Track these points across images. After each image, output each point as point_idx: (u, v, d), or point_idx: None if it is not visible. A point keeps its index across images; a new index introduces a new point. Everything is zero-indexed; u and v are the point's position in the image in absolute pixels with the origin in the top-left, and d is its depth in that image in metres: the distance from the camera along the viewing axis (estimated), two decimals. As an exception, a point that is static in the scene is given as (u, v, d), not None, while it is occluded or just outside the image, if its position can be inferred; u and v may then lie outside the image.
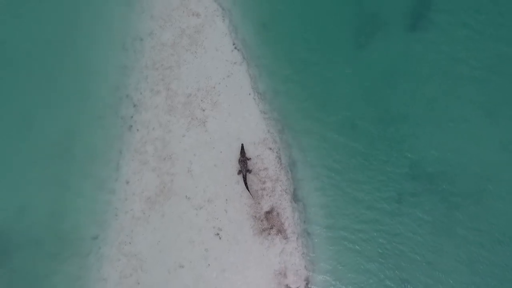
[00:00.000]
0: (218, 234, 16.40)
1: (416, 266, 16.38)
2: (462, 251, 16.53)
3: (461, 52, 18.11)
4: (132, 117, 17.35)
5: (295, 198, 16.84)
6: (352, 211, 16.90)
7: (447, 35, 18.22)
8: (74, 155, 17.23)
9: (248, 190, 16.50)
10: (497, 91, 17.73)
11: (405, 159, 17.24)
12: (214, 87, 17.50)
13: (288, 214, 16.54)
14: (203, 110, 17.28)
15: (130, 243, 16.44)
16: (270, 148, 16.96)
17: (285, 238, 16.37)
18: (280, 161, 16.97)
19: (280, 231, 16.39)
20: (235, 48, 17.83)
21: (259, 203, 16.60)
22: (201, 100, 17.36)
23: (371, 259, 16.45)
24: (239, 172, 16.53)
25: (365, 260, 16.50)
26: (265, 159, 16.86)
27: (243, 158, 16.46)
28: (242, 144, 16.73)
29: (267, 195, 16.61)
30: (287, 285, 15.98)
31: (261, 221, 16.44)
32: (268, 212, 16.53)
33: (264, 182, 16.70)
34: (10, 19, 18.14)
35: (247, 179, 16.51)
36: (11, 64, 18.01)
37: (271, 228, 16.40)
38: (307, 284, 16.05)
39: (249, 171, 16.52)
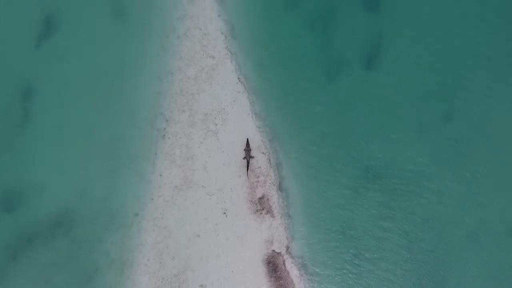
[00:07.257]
0: (225, 213, 22.94)
1: (365, 238, 23.00)
2: (399, 228, 23.25)
3: (402, 86, 25.27)
4: (164, 128, 23.96)
5: (280, 188, 23.52)
6: (321, 199, 23.54)
7: (391, 73, 25.31)
8: (122, 154, 23.70)
9: (247, 172, 23.08)
10: (427, 115, 24.81)
11: (360, 161, 23.99)
12: (224, 109, 24.31)
13: (275, 200, 23.19)
14: (216, 125, 24.06)
15: (161, 218, 22.85)
16: (263, 152, 23.74)
17: (273, 216, 22.96)
18: (270, 162, 23.71)
19: (269, 211, 23.00)
20: (239, 81, 24.72)
21: (254, 192, 23.27)
22: (214, 118, 24.15)
23: (335, 232, 23.03)
24: (244, 158, 23.19)
25: (329, 234, 23.08)
26: (259, 160, 23.62)
27: (247, 148, 23.17)
28: (248, 138, 23.42)
29: (260, 185, 23.31)
30: (273, 249, 22.52)
31: (256, 204, 23.06)
32: (260, 198, 23.17)
33: (258, 176, 23.43)
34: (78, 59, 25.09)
35: (248, 164, 23.05)
36: (78, 88, 24.72)
37: (263, 209, 23.01)
38: (287, 249, 22.61)
39: (251, 157, 23.14)
